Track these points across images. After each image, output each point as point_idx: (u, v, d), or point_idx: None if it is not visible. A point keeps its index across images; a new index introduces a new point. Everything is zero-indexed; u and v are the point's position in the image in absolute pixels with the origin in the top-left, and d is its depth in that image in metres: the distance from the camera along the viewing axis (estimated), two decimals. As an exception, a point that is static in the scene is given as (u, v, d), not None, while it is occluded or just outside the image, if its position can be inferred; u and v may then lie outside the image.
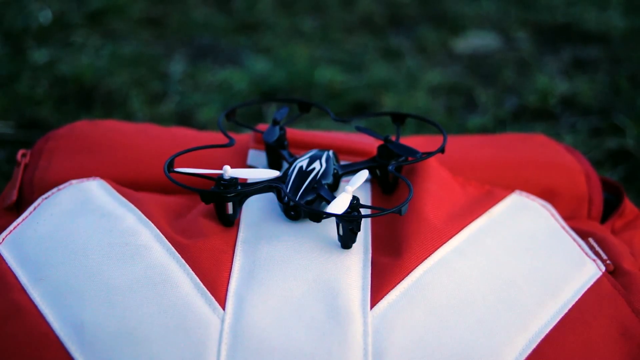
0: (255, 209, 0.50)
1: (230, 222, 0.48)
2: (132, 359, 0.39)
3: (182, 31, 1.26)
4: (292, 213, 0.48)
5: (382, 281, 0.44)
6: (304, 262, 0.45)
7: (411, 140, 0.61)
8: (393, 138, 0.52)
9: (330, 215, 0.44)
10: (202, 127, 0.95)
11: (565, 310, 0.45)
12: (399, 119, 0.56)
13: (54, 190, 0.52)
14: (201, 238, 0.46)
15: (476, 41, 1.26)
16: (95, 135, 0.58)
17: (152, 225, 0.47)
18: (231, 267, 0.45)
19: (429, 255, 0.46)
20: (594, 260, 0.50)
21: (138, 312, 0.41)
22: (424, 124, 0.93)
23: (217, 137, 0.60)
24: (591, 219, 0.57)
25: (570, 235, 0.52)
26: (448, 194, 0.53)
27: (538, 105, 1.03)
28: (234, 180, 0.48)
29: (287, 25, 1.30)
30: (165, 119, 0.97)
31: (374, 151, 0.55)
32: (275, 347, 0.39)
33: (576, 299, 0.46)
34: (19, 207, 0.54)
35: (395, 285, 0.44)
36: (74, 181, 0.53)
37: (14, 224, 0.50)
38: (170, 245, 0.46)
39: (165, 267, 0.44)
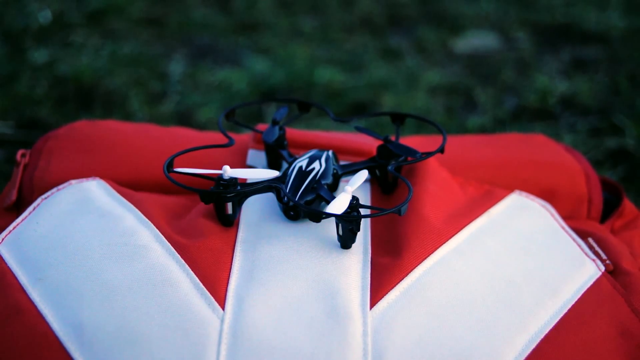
0: (254, 209, 0.50)
1: (229, 222, 0.48)
2: (131, 359, 0.39)
3: (181, 31, 1.26)
4: (292, 213, 0.48)
5: (381, 281, 0.44)
6: (303, 262, 0.45)
7: (411, 140, 0.61)
8: (392, 138, 0.52)
9: (329, 215, 0.44)
10: (201, 127, 0.95)
11: (565, 310, 0.45)
12: (398, 119, 0.56)
13: (54, 190, 0.52)
14: (201, 238, 0.46)
15: (476, 41, 1.26)
16: (95, 135, 0.58)
17: (152, 225, 0.47)
18: (231, 267, 0.45)
19: (429, 256, 0.46)
20: (593, 260, 0.50)
21: (137, 312, 0.41)
22: (424, 124, 0.93)
23: (217, 137, 0.60)
24: (591, 219, 0.57)
25: (570, 235, 0.52)
26: (447, 194, 0.53)
27: (538, 105, 1.03)
28: (233, 180, 0.48)
29: (286, 25, 1.30)
30: (164, 119, 0.97)
31: (374, 151, 0.55)
32: (275, 347, 0.39)
33: (576, 299, 0.46)
34: (18, 207, 0.54)
35: (394, 285, 0.44)
36: (73, 181, 0.53)
37: (14, 224, 0.50)
38: (170, 245, 0.46)
39: (164, 267, 0.44)
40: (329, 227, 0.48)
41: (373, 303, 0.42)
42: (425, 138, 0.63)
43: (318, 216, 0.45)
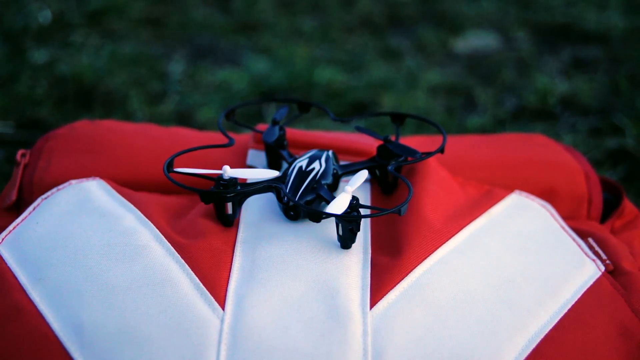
0: (254, 209, 0.50)
1: (229, 222, 0.48)
2: (131, 359, 0.39)
3: (181, 31, 1.26)
4: (292, 213, 0.48)
5: (381, 281, 0.44)
6: (303, 262, 0.45)
7: (411, 140, 0.61)
8: (393, 138, 0.52)
9: (329, 215, 0.44)
10: (201, 127, 0.95)
11: (565, 310, 0.45)
12: (398, 119, 0.56)
13: (54, 190, 0.52)
14: (201, 238, 0.46)
15: (476, 41, 1.26)
16: (95, 135, 0.58)
17: (152, 225, 0.47)
18: (231, 267, 0.45)
19: (429, 256, 0.46)
20: (593, 260, 0.50)
21: (137, 312, 0.41)
22: (424, 124, 0.93)
23: (217, 137, 0.60)
24: (591, 219, 0.57)
25: (570, 235, 0.52)
26: (447, 194, 0.53)
27: (538, 105, 1.03)
28: (233, 180, 0.48)
29: (286, 25, 1.30)
30: (165, 119, 0.97)
31: (374, 151, 0.55)
32: (275, 347, 0.39)
33: (576, 299, 0.46)
34: (18, 207, 0.54)
35: (394, 285, 0.44)
36: (73, 181, 0.53)
37: (14, 224, 0.50)
38: (170, 245, 0.46)
39: (164, 267, 0.44)
40: (329, 227, 0.48)
41: (373, 303, 0.42)
42: (425, 138, 0.63)
43: (318, 216, 0.45)
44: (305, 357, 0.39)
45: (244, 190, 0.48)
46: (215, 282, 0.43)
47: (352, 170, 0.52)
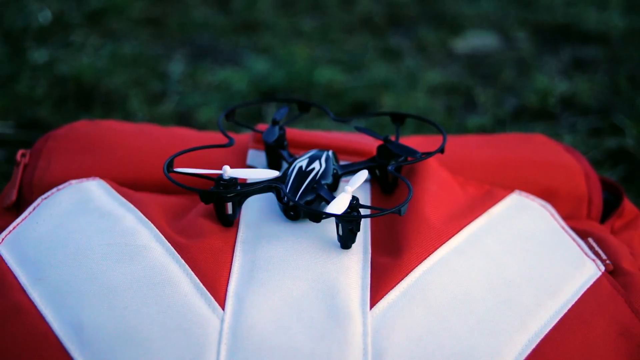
0: (254, 209, 0.50)
1: (229, 222, 0.48)
2: (131, 359, 0.39)
3: (181, 31, 1.26)
4: (292, 213, 0.48)
5: (381, 281, 0.44)
6: (303, 262, 0.45)
7: (411, 140, 0.61)
8: (392, 138, 0.52)
9: (329, 215, 0.44)
10: (201, 127, 0.95)
11: (565, 310, 0.45)
12: (398, 119, 0.56)
13: (54, 190, 0.52)
14: (201, 238, 0.46)
15: (476, 41, 1.26)
16: (95, 135, 0.58)
17: (152, 225, 0.47)
18: (231, 267, 0.45)
19: (429, 255, 0.46)
20: (593, 260, 0.50)
21: (137, 313, 0.41)
22: (424, 124, 0.93)
23: (217, 137, 0.60)
24: (591, 219, 0.57)
25: (570, 235, 0.52)
26: (448, 194, 0.53)
27: (538, 105, 1.03)
28: (233, 180, 0.48)
29: (286, 25, 1.30)
30: (164, 119, 0.97)
31: (374, 151, 0.55)
32: (275, 347, 0.39)
33: (576, 299, 0.46)
34: (18, 207, 0.54)
35: (394, 285, 0.44)
36: (73, 181, 0.53)
37: (14, 224, 0.50)
38: (170, 245, 0.46)
39: (164, 268, 0.44)
40: (329, 227, 0.48)
41: (373, 303, 0.42)
42: (425, 138, 0.63)
43: (318, 216, 0.45)
44: (305, 357, 0.39)
45: (244, 190, 0.48)
46: (215, 282, 0.43)
47: (352, 170, 0.52)
